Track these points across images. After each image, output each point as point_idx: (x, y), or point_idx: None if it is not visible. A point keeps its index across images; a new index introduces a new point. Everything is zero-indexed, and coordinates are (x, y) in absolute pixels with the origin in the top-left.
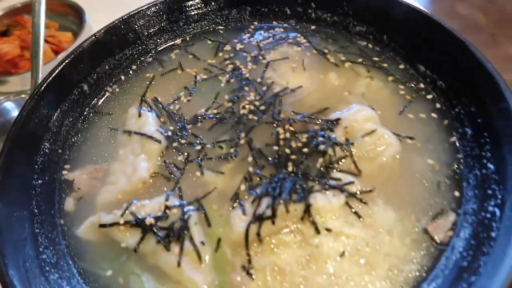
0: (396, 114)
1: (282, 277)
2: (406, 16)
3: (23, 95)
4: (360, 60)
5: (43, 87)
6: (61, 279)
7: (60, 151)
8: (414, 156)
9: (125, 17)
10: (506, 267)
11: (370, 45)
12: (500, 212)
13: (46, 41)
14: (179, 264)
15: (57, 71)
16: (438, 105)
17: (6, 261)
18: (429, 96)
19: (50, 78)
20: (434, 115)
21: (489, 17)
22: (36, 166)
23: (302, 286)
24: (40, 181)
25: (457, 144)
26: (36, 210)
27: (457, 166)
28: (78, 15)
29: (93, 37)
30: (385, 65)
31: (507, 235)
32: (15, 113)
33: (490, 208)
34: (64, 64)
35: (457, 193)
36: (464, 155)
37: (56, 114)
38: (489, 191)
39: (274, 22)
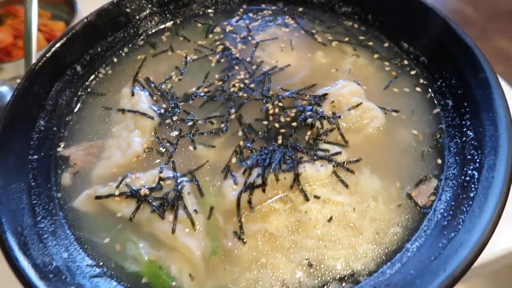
0: (382, 89)
1: (273, 241)
2: None
3: (18, 80)
4: (346, 39)
5: (37, 67)
6: (59, 245)
7: (55, 129)
8: (399, 128)
9: (116, 0)
10: (483, 222)
11: (355, 25)
12: (478, 174)
13: (39, 29)
14: (173, 231)
15: (50, 52)
16: (421, 80)
17: (4, 228)
18: (413, 72)
19: (44, 58)
20: (418, 89)
21: (479, 11)
22: (31, 142)
23: (291, 250)
24: (36, 156)
25: (440, 115)
26: (33, 183)
27: (439, 136)
28: (70, 4)
29: (85, 20)
30: (370, 43)
31: (484, 194)
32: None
33: (470, 172)
34: (57, 45)
35: (439, 161)
36: (446, 125)
37: (50, 93)
38: (469, 157)
39: (263, 5)
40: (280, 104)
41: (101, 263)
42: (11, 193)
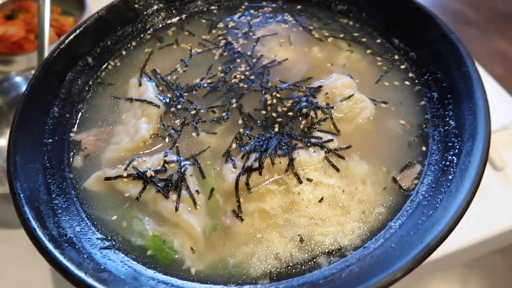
0: (373, 83)
1: (268, 219)
2: None
3: (32, 71)
4: (341, 35)
5: (51, 58)
6: (72, 220)
7: (68, 115)
8: (388, 118)
9: None
10: (458, 201)
11: (350, 22)
12: (457, 159)
13: (50, 24)
14: (176, 209)
15: (64, 44)
16: (410, 74)
17: (23, 202)
18: (403, 66)
19: (58, 50)
20: (407, 82)
21: (480, 12)
22: (46, 127)
23: (285, 227)
24: (50, 140)
25: (426, 107)
26: (48, 164)
27: (425, 126)
28: (79, 0)
29: (96, 14)
30: (364, 40)
31: (461, 177)
32: (25, 87)
33: (450, 157)
34: (70, 38)
35: (423, 148)
36: (431, 116)
37: (63, 82)
38: (450, 144)
39: (264, 2)
40: (278, 95)
41: (109, 237)
42: (29, 172)
